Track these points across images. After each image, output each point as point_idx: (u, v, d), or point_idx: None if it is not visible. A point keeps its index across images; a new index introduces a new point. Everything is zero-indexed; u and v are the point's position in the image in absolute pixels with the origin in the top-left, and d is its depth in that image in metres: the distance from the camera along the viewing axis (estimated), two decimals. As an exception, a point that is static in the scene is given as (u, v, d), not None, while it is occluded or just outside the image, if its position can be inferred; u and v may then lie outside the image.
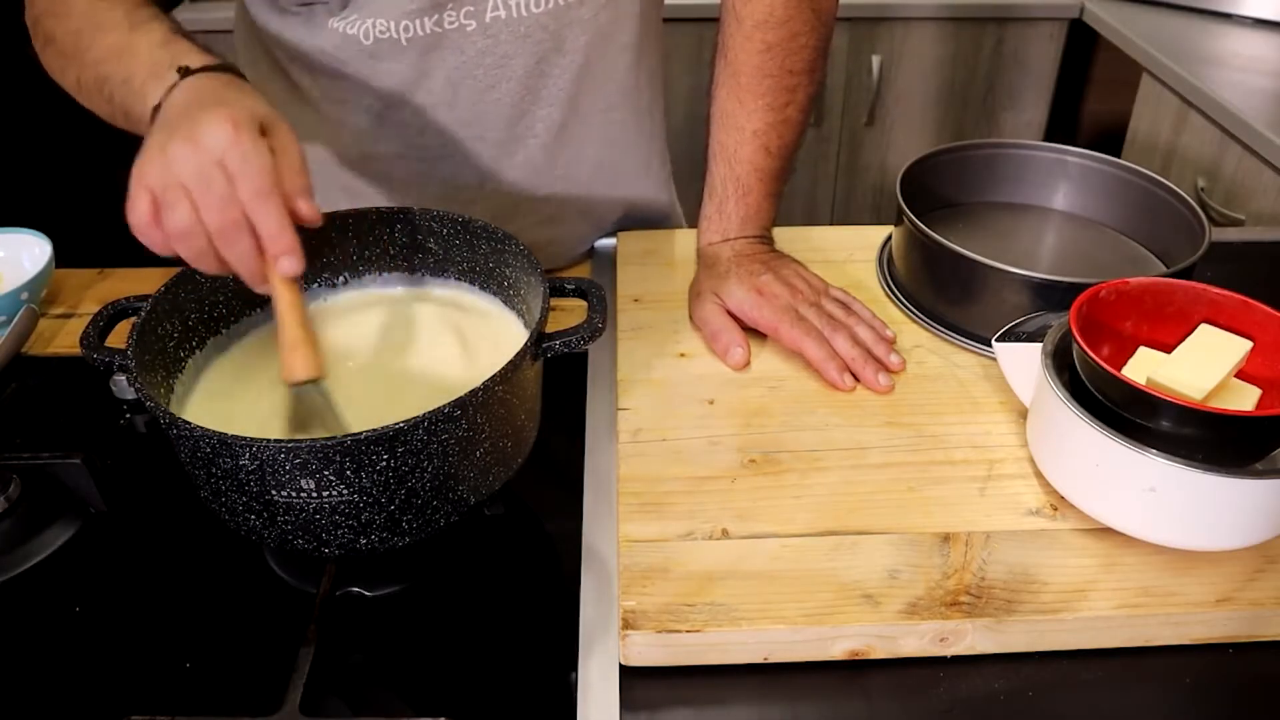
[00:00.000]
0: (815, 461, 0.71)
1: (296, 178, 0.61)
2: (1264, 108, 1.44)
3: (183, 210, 0.58)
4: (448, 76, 0.85)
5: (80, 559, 0.68)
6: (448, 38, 0.83)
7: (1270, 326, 0.66)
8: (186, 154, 0.58)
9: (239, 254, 0.59)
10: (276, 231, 0.59)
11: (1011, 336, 0.72)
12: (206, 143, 0.58)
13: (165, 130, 0.61)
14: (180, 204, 0.58)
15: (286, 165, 0.60)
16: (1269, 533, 0.61)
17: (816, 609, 0.60)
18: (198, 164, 0.58)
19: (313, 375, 0.61)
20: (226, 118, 0.59)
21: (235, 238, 0.59)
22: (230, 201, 0.58)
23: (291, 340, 0.61)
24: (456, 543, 0.68)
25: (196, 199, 0.58)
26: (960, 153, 0.94)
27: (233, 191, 0.58)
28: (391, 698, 0.59)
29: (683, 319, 0.85)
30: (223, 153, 0.58)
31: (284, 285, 0.61)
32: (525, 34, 0.84)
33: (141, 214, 0.59)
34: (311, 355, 0.62)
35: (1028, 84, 2.04)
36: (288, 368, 0.61)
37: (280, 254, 0.59)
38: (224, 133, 0.58)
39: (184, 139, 0.59)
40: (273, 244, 0.59)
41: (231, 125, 0.59)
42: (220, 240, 0.59)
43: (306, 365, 0.61)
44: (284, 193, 0.59)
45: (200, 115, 0.60)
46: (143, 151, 0.61)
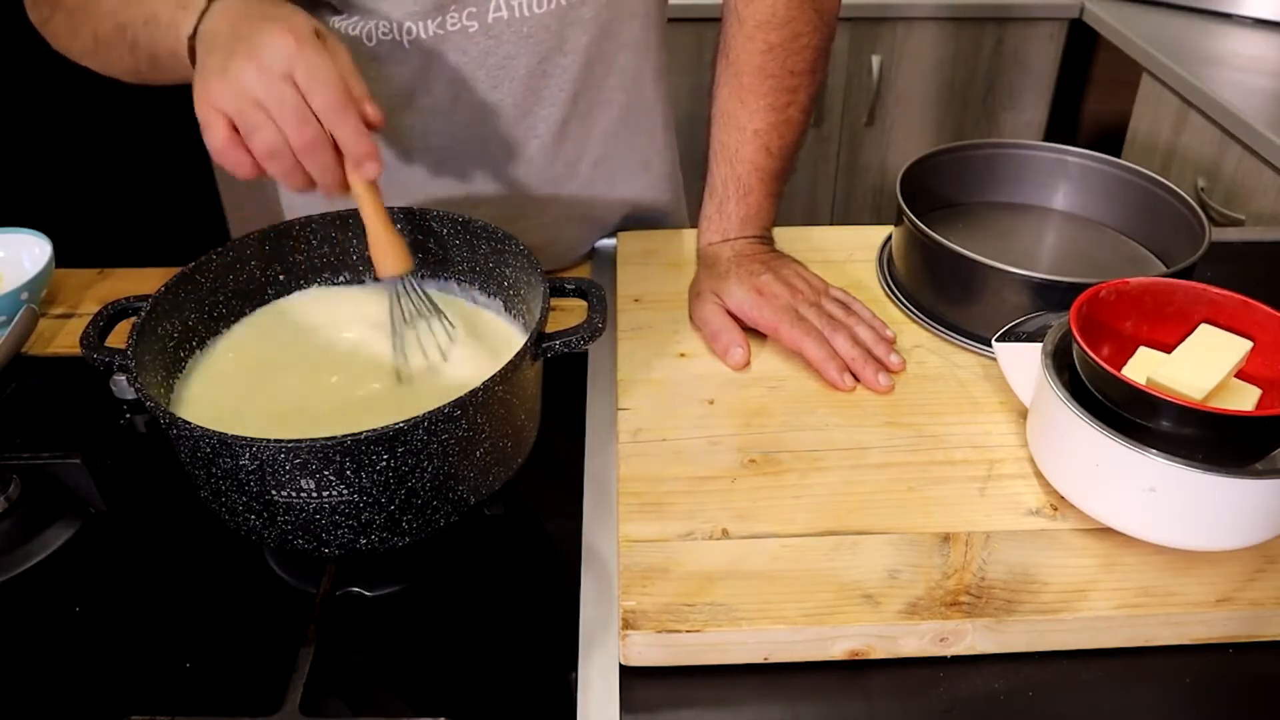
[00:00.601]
0: (815, 461, 0.71)
1: (357, 83, 0.62)
2: (1264, 108, 1.44)
3: (268, 130, 0.59)
4: (450, 78, 0.85)
5: (80, 559, 0.68)
6: (450, 39, 0.83)
7: (1270, 326, 0.66)
8: (253, 73, 0.59)
9: (322, 166, 0.61)
10: (355, 140, 0.61)
11: (1011, 336, 0.72)
12: (271, 59, 0.59)
13: (221, 53, 0.61)
14: (265, 124, 0.59)
15: (346, 71, 0.62)
16: (1269, 533, 0.61)
17: (816, 609, 0.60)
18: (267, 82, 0.58)
19: (404, 269, 0.68)
20: (286, 30, 0.59)
21: (318, 151, 0.60)
22: (307, 117, 0.59)
23: (380, 239, 0.67)
24: (456, 543, 0.68)
25: (275, 116, 0.59)
26: (960, 153, 0.94)
27: (307, 106, 0.59)
28: (391, 698, 0.59)
29: (683, 319, 0.85)
30: (290, 67, 0.59)
31: (366, 188, 0.64)
32: (528, 34, 0.84)
33: (220, 137, 0.60)
34: (401, 251, 0.67)
35: (1028, 84, 2.04)
36: (380, 264, 0.67)
37: (363, 159, 0.62)
38: (287, 46, 0.59)
39: (246, 57, 0.59)
40: (354, 150, 0.61)
41: (293, 38, 0.59)
42: (304, 155, 0.60)
43: (398, 260, 0.67)
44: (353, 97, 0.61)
45: (257, 32, 0.60)
46: (201, 76, 0.61)
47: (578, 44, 0.87)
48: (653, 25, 0.94)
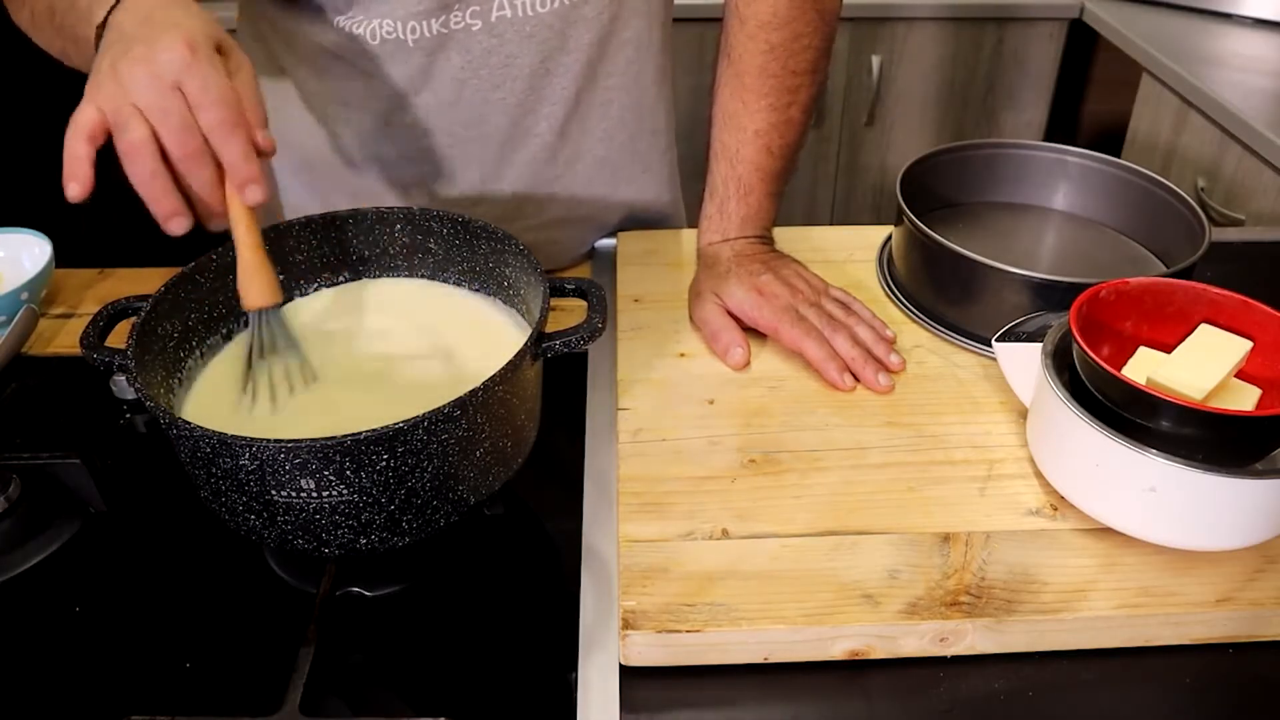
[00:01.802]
0: (815, 461, 0.71)
1: (255, 106, 0.60)
2: (1264, 108, 1.44)
3: (137, 128, 0.56)
4: (453, 77, 0.85)
5: (80, 559, 0.68)
6: (453, 38, 0.83)
7: (1270, 326, 0.65)
8: (142, 77, 0.56)
9: (202, 182, 0.58)
10: (241, 161, 0.58)
11: (1011, 336, 0.72)
12: (162, 66, 0.56)
13: (115, 50, 0.59)
14: (135, 123, 0.56)
15: (244, 92, 0.59)
16: (1269, 533, 0.61)
17: (816, 609, 0.60)
18: (156, 89, 0.56)
19: (270, 301, 0.64)
20: (182, 39, 0.57)
21: (199, 165, 0.58)
22: (191, 130, 0.57)
23: (250, 267, 0.63)
24: (456, 543, 0.68)
25: (155, 124, 0.56)
26: (960, 153, 0.94)
27: (193, 119, 0.57)
28: (391, 698, 0.59)
29: (683, 319, 0.85)
30: (180, 77, 0.56)
31: (242, 213, 0.61)
32: (530, 33, 0.84)
33: (83, 125, 0.57)
34: (270, 281, 0.64)
35: (1028, 84, 2.04)
36: (247, 294, 0.63)
37: (246, 183, 0.59)
38: (180, 56, 0.56)
39: (137, 60, 0.57)
40: (237, 173, 0.58)
41: (187, 48, 0.57)
42: (182, 166, 0.57)
43: (264, 292, 0.63)
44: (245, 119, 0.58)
45: (154, 36, 0.58)
46: (93, 73, 0.59)
47: (580, 42, 0.87)
48: (657, 24, 0.94)
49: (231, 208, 0.61)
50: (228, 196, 0.60)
